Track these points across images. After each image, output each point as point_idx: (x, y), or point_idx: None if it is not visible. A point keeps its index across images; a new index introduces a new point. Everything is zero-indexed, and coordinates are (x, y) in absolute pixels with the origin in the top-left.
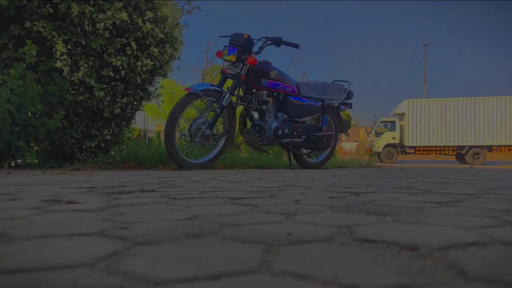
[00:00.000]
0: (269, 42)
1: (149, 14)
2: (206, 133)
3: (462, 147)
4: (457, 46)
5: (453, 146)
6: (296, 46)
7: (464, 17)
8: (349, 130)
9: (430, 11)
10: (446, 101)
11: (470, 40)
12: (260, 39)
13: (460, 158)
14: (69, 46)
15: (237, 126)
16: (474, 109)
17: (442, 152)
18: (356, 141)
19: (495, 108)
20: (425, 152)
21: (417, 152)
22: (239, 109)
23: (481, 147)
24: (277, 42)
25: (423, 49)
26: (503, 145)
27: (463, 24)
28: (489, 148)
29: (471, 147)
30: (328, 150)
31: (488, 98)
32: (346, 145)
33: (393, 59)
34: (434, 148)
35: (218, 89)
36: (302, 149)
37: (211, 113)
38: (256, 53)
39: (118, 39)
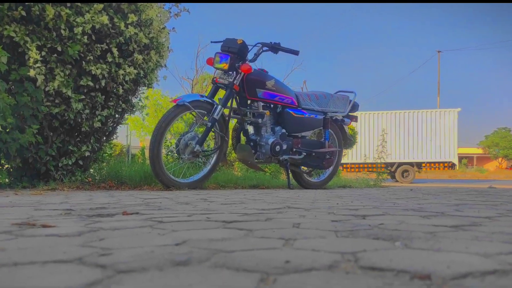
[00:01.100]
0: (265, 48)
1: (132, 17)
2: (195, 149)
3: (391, 164)
4: (474, 53)
5: (381, 163)
6: (295, 52)
7: (481, 21)
8: (354, 146)
9: (442, 15)
10: (373, 114)
11: (488, 45)
12: (255, 45)
13: (393, 176)
14: (43, 53)
15: (230, 141)
16: (402, 123)
17: (370, 170)
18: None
19: (424, 122)
20: (354, 170)
21: (345, 170)
22: (232, 122)
23: (411, 164)
24: (275, 48)
25: (436, 56)
26: (434, 162)
27: (480, 29)
28: (419, 165)
29: (400, 164)
30: (331, 168)
31: (417, 111)
32: None
33: (403, 67)
34: (362, 165)
35: (209, 100)
36: (302, 167)
37: (201, 127)
38: (251, 61)
39: (98, 45)
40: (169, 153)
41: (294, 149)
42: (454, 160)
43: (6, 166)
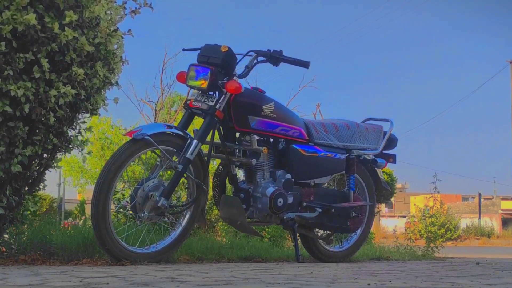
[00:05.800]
0: (261, 58)
1: (70, 16)
2: (159, 204)
3: None
4: None
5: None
6: (305, 64)
7: None
8: (392, 199)
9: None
10: None
11: None
12: (247, 54)
13: None
14: None
15: (211, 192)
16: None
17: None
18: (404, 216)
19: None
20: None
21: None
22: (214, 164)
23: None
24: (275, 58)
25: (507, 67)
26: None
27: None
28: None
29: None
30: (359, 231)
31: None
32: (389, 223)
33: (460, 86)
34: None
35: (180, 132)
36: (317, 229)
37: (168, 172)
38: (241, 76)
39: (21, 55)
40: (121, 209)
41: (305, 204)
42: None
43: None
